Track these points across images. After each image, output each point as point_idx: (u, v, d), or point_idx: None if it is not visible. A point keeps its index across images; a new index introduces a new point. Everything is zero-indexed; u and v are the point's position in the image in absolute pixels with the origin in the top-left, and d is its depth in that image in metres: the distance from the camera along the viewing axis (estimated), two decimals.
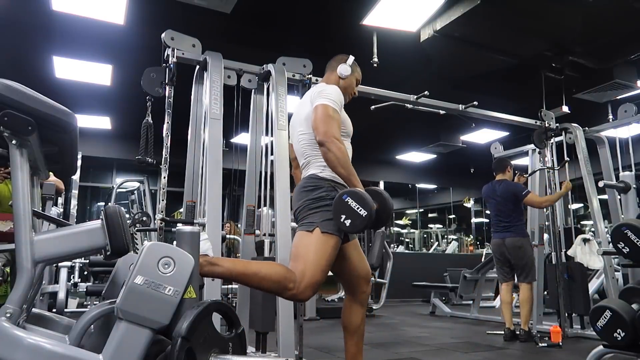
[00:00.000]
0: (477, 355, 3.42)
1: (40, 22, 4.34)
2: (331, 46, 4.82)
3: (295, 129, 2.25)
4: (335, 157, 1.94)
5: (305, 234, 1.98)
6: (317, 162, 2.08)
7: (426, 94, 3.98)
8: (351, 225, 1.86)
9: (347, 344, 2.20)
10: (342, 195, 1.89)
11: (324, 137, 1.95)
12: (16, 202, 1.33)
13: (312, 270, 1.88)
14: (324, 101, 2.04)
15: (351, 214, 1.86)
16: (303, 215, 2.03)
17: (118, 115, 7.04)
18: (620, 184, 2.95)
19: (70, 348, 1.32)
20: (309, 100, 2.15)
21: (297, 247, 1.99)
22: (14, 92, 1.28)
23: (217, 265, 1.81)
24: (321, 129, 1.97)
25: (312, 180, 2.06)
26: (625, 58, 4.80)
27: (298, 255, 1.94)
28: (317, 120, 2.00)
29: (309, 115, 2.10)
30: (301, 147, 2.17)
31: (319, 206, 1.99)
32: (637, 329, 2.24)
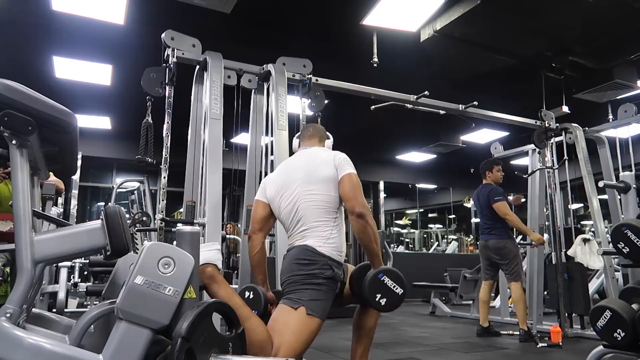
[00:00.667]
0: (477, 355, 3.42)
1: (40, 22, 4.34)
2: (331, 46, 4.84)
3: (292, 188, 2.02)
4: (374, 232, 1.89)
5: (287, 310, 1.84)
6: (320, 232, 1.94)
7: (426, 94, 3.98)
8: (387, 304, 1.85)
9: (355, 344, 2.16)
10: (378, 275, 1.85)
11: (364, 210, 1.88)
12: (16, 202, 1.33)
13: (285, 349, 1.75)
14: (354, 171, 1.98)
15: (387, 293, 1.84)
16: (291, 288, 1.89)
17: (118, 115, 7.04)
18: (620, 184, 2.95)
19: (70, 348, 1.32)
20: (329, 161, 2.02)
21: (275, 320, 1.85)
22: (14, 92, 1.28)
23: (217, 287, 1.74)
24: (360, 200, 1.90)
25: (309, 253, 1.91)
26: (625, 58, 4.80)
27: (274, 330, 1.79)
28: (354, 190, 1.92)
29: (330, 177, 1.98)
30: (306, 208, 1.97)
31: (310, 283, 1.87)
32: (637, 329, 2.24)
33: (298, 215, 1.99)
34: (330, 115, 3.90)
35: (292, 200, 2.01)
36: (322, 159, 2.05)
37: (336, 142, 2.46)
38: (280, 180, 2.09)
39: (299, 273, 1.89)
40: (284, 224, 2.09)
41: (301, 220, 1.98)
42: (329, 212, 1.97)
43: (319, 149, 2.17)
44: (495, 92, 5.66)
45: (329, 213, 1.97)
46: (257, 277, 2.10)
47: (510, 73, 5.09)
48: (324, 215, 1.96)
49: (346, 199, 1.94)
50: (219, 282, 1.76)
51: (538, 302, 4.58)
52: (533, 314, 4.57)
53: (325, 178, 1.99)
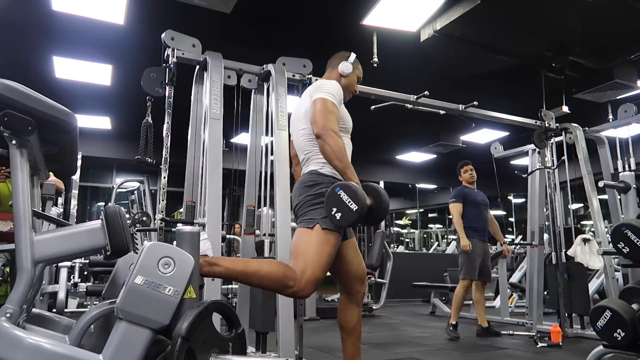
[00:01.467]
0: (477, 355, 3.42)
1: (40, 22, 4.34)
2: (331, 46, 4.81)
3: (295, 125, 2.24)
4: (332, 149, 1.93)
5: (305, 231, 1.96)
6: (317, 158, 2.07)
7: (426, 94, 3.98)
8: (341, 219, 1.84)
9: (344, 344, 2.20)
10: (335, 188, 1.87)
11: (321, 130, 1.95)
12: (16, 202, 1.33)
13: (312, 267, 1.87)
14: (323, 95, 2.03)
15: (342, 207, 1.83)
16: (303, 211, 2.01)
17: (118, 115, 7.04)
18: (620, 184, 2.94)
19: (70, 348, 1.32)
20: (308, 95, 2.14)
21: (297, 243, 1.97)
22: (14, 92, 1.28)
23: (216, 265, 1.80)
24: (319, 122, 1.97)
25: (312, 176, 2.05)
26: (625, 58, 4.80)
27: (298, 252, 1.93)
28: (316, 114, 2.00)
29: (308, 110, 2.09)
30: (301, 143, 2.16)
31: (319, 202, 1.97)
32: (637, 329, 2.24)
33: (299, 148, 2.18)
34: None
35: (295, 136, 2.23)
36: (306, 92, 2.19)
37: None
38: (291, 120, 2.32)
39: (308, 194, 2.01)
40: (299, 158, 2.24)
41: (302, 152, 2.16)
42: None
43: (318, 81, 2.26)
44: (495, 92, 5.66)
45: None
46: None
47: (510, 73, 5.09)
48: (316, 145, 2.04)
49: (312, 126, 2.02)
50: (215, 262, 1.80)
51: (538, 302, 4.58)
52: (533, 314, 4.57)
53: (305, 112, 2.12)
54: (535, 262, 4.71)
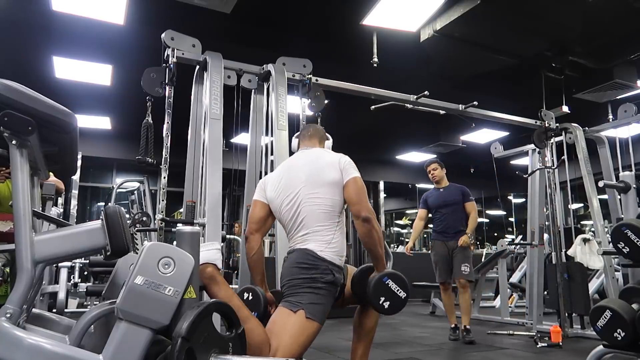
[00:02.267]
0: (477, 355, 3.42)
1: (40, 22, 4.34)
2: (331, 46, 4.85)
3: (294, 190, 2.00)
4: (379, 236, 1.90)
5: (287, 312, 1.83)
6: (322, 237, 1.93)
7: (426, 94, 3.99)
8: (390, 308, 1.87)
9: (355, 345, 2.15)
10: (382, 278, 1.87)
11: (370, 214, 1.89)
12: (16, 202, 1.33)
13: (282, 352, 1.75)
14: (358, 174, 1.99)
15: (391, 296, 1.87)
16: (291, 291, 1.88)
17: (118, 115, 7.04)
18: (620, 184, 2.94)
19: (70, 348, 1.32)
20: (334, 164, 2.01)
21: (274, 322, 1.84)
22: (14, 92, 1.27)
23: (217, 288, 1.73)
24: (365, 205, 1.91)
25: (309, 257, 1.90)
26: (625, 58, 4.80)
27: (272, 332, 1.79)
28: (361, 194, 1.94)
29: (335, 181, 1.97)
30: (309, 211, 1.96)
31: (310, 287, 1.86)
32: (637, 329, 2.24)
33: (300, 217, 1.97)
34: (330, 115, 3.90)
35: (294, 202, 1.99)
36: (327, 161, 2.03)
37: (336, 142, 2.45)
38: (282, 182, 2.06)
39: (299, 277, 1.88)
40: (284, 225, 2.06)
41: (303, 222, 1.96)
42: (332, 216, 1.96)
43: (322, 150, 2.16)
44: (495, 92, 5.66)
45: (332, 217, 1.96)
46: (255, 277, 2.09)
47: (510, 73, 5.10)
48: (327, 219, 1.95)
49: (352, 203, 1.95)
50: (219, 283, 1.75)
51: (538, 302, 4.58)
52: (533, 314, 4.57)
53: (330, 182, 1.97)
54: (535, 262, 4.71)
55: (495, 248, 5.57)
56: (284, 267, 1.99)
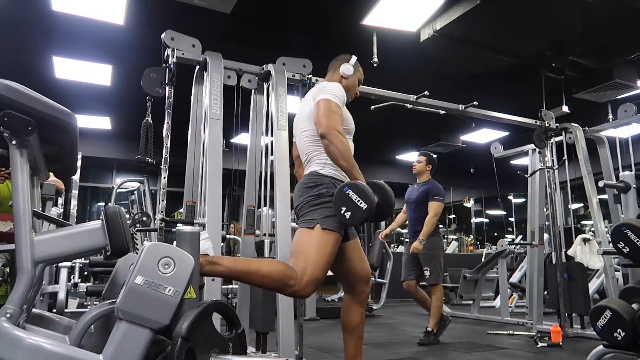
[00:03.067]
0: (477, 355, 3.42)
1: (40, 22, 4.34)
2: (331, 46, 4.82)
3: (298, 126, 2.26)
4: (337, 149, 1.95)
5: (305, 231, 1.98)
6: (318, 158, 2.10)
7: (426, 94, 3.98)
8: (351, 218, 1.86)
9: (346, 344, 2.20)
10: (343, 188, 1.89)
11: (326, 130, 1.96)
12: (16, 202, 1.33)
13: (312, 267, 1.88)
14: (326, 96, 2.06)
15: (352, 206, 1.86)
16: (304, 211, 2.03)
17: (118, 115, 7.04)
18: (620, 183, 2.94)
19: (70, 348, 1.32)
20: (311, 97, 2.17)
21: (297, 243, 1.99)
22: (14, 92, 1.28)
23: (217, 265, 1.80)
24: (323, 122, 1.99)
25: (313, 177, 2.07)
26: (625, 58, 4.80)
27: (298, 252, 1.94)
28: (320, 115, 2.02)
29: (311, 111, 2.11)
30: (303, 144, 2.19)
31: (319, 203, 1.99)
32: (637, 329, 2.24)
33: (302, 150, 2.21)
34: None
35: (297, 138, 2.26)
36: (310, 94, 2.21)
37: None
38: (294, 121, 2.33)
39: (308, 196, 2.02)
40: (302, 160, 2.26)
41: (303, 153, 2.19)
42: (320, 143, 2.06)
43: (323, 83, 2.25)
44: (495, 92, 5.66)
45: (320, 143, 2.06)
46: None
47: (510, 73, 5.09)
48: (317, 146, 2.09)
49: (317, 126, 2.04)
50: (216, 262, 1.80)
51: (538, 302, 4.58)
52: (533, 313, 4.57)
53: (309, 113, 2.14)
54: (535, 262, 4.70)
55: (495, 248, 5.56)
56: (294, 193, 2.15)
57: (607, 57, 4.79)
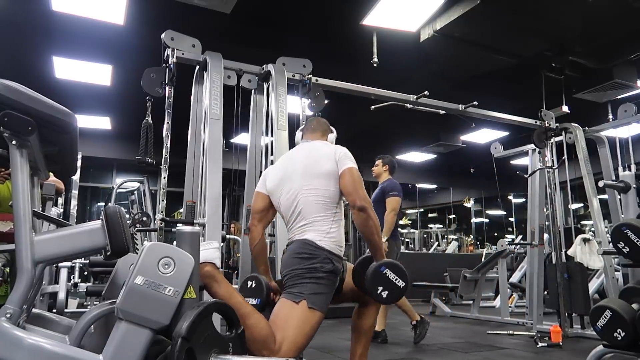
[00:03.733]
0: (477, 355, 3.42)
1: (40, 22, 4.34)
2: (331, 46, 4.85)
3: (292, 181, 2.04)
4: (375, 225, 1.90)
5: (289, 304, 1.85)
6: (320, 227, 1.96)
7: (426, 94, 3.98)
8: (388, 297, 1.86)
9: (354, 345, 2.16)
10: (380, 268, 1.87)
11: (365, 203, 1.90)
12: (16, 202, 1.33)
13: (288, 345, 1.77)
14: (354, 165, 2.00)
15: (389, 285, 1.86)
16: (292, 282, 1.89)
17: (118, 115, 7.05)
18: (620, 183, 2.94)
19: (70, 348, 1.32)
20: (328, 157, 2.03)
21: (277, 315, 1.85)
22: (14, 92, 1.27)
23: (217, 285, 1.74)
24: (361, 194, 1.92)
25: (308, 247, 1.92)
26: (625, 58, 4.81)
27: (276, 325, 1.81)
28: (357, 184, 1.94)
29: (329, 172, 1.99)
30: (304, 204, 1.99)
31: (311, 277, 1.88)
32: (637, 329, 2.24)
33: (297, 209, 2.00)
34: (330, 115, 3.89)
35: (292, 194, 2.02)
36: (323, 152, 2.06)
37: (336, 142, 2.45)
38: (280, 173, 2.11)
39: (300, 267, 1.90)
40: (283, 217, 2.10)
41: (301, 214, 1.99)
42: (328, 207, 1.98)
43: (321, 142, 2.18)
44: (495, 92, 5.66)
45: (328, 208, 1.98)
46: (259, 267, 2.12)
47: (510, 73, 5.10)
48: (324, 210, 1.98)
49: (347, 193, 1.96)
50: (219, 281, 1.75)
51: (538, 302, 4.58)
52: (533, 313, 4.57)
53: (325, 173, 2.00)
54: (535, 262, 4.70)
55: (495, 248, 5.56)
56: (283, 259, 2.01)
57: (607, 57, 4.79)
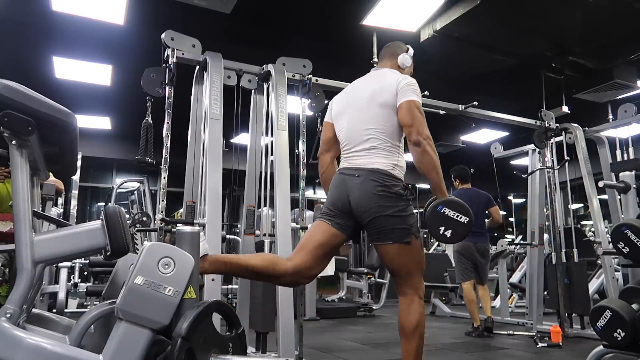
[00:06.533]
0: (477, 355, 3.42)
1: (40, 22, 4.34)
2: (331, 46, 4.84)
3: (355, 109, 2.05)
4: (433, 160, 1.84)
5: (406, 248, 1.88)
6: (386, 156, 1.94)
7: (426, 94, 3.97)
8: (453, 235, 1.82)
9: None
10: (437, 207, 1.82)
11: (422, 137, 1.85)
12: (16, 202, 1.33)
13: (421, 281, 1.93)
14: (416, 98, 1.93)
15: (451, 223, 1.80)
16: (389, 223, 1.86)
17: (118, 116, 7.04)
18: (620, 184, 2.94)
19: (70, 348, 1.32)
20: (391, 84, 1.98)
21: (405, 262, 1.91)
22: (14, 93, 1.27)
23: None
24: (420, 129, 1.86)
25: (386, 177, 1.89)
26: (625, 58, 4.80)
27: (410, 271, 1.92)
28: (415, 118, 1.88)
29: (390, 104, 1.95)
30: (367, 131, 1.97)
31: (407, 210, 1.89)
32: (637, 329, 2.24)
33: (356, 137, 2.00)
34: None
35: (355, 121, 2.03)
36: (387, 82, 2.01)
37: None
38: (345, 99, 2.14)
39: (390, 204, 1.87)
40: (343, 142, 2.08)
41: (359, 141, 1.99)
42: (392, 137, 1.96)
43: (388, 70, 2.14)
44: (495, 92, 5.66)
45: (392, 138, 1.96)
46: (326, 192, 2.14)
47: (510, 73, 5.10)
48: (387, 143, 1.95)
49: (405, 126, 1.92)
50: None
51: (538, 302, 4.58)
52: (533, 314, 4.57)
53: (385, 103, 1.97)
54: (535, 262, 4.70)
55: (495, 248, 5.55)
56: (357, 195, 1.90)
57: (607, 57, 4.79)
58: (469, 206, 1.86)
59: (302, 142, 3.33)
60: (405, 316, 1.93)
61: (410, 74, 2.20)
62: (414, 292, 1.93)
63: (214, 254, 1.87)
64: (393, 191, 1.88)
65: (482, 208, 4.51)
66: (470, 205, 4.32)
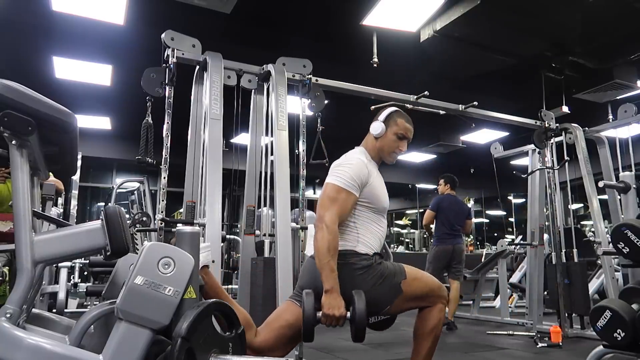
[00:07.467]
0: (477, 355, 3.42)
1: (40, 22, 4.34)
2: (331, 46, 4.84)
3: None
4: (319, 246, 1.76)
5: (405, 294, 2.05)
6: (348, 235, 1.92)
7: (426, 94, 3.98)
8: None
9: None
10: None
11: (317, 221, 1.82)
12: (16, 202, 1.33)
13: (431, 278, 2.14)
14: (330, 179, 1.89)
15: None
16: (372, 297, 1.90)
17: (118, 116, 7.05)
18: (620, 184, 2.94)
19: (70, 348, 1.32)
20: None
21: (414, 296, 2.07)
22: (14, 93, 1.27)
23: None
24: (320, 211, 1.83)
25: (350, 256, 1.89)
26: (625, 58, 4.80)
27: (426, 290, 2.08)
28: (320, 201, 1.87)
29: None
30: None
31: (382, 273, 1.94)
32: (637, 329, 2.24)
33: None
34: (330, 115, 3.90)
35: None
36: None
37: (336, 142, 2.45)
38: None
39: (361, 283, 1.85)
40: None
41: None
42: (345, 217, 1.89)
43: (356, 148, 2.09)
44: (495, 92, 5.66)
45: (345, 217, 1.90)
46: None
47: (510, 73, 5.10)
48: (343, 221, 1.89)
49: None
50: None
51: (538, 303, 4.58)
52: (533, 314, 4.57)
53: None
54: (535, 262, 4.71)
55: (495, 248, 5.55)
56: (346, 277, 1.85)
57: (607, 57, 4.79)
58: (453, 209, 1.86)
59: (302, 142, 3.33)
60: (424, 320, 2.04)
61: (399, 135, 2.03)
62: (437, 299, 2.04)
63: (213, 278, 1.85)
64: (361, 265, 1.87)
65: (463, 216, 5.00)
66: (454, 208, 4.52)
